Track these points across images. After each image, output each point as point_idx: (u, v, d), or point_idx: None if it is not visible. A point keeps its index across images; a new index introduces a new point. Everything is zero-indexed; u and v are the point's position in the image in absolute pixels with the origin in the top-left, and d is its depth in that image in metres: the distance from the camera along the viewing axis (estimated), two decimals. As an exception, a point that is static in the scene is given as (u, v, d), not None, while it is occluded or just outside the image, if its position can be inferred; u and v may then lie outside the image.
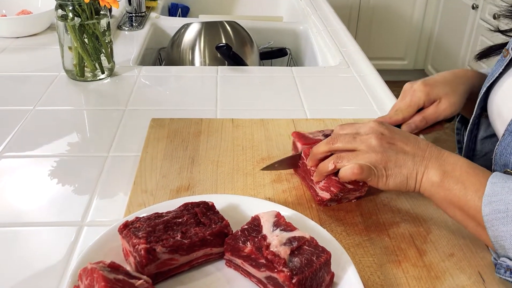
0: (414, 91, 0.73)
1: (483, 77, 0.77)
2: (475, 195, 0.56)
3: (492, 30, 0.77)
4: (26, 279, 0.58)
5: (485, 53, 0.78)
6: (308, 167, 0.68)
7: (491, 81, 0.71)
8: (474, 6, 2.80)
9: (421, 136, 0.83)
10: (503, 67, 0.69)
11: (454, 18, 3.12)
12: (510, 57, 0.68)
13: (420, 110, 0.73)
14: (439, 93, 0.72)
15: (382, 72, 1.20)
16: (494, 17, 2.52)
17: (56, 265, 0.60)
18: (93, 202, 0.71)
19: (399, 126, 0.73)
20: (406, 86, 0.75)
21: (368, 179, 0.61)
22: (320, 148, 0.66)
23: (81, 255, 0.55)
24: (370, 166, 0.60)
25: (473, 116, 0.76)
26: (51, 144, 0.85)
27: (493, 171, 0.60)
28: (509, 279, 0.54)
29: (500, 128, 0.68)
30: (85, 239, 0.64)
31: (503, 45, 0.74)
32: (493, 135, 0.77)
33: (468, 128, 0.78)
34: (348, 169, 0.61)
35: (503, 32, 0.75)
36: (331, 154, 0.65)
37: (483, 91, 0.72)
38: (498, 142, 0.66)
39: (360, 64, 1.21)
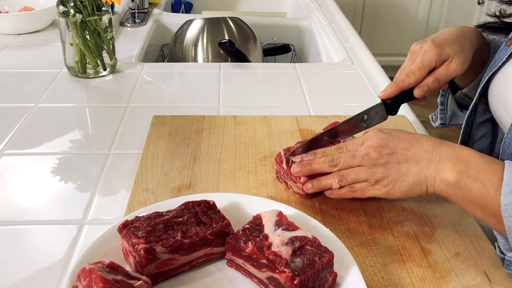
0: (425, 51, 0.70)
1: (483, 39, 0.76)
2: (495, 193, 0.55)
3: (490, 15, 0.76)
4: (28, 276, 0.58)
5: (485, 27, 0.78)
6: (295, 175, 0.67)
7: (494, 69, 0.70)
8: (480, 1, 2.78)
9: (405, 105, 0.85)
10: (506, 56, 0.68)
11: (460, 14, 3.09)
12: None
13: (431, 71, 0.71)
14: (449, 52, 0.69)
15: (386, 68, 1.19)
16: (500, 13, 2.50)
17: (57, 263, 0.59)
18: (94, 200, 0.70)
19: (411, 89, 0.70)
20: (415, 46, 0.72)
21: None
22: (320, 167, 0.65)
23: (80, 255, 0.54)
24: (369, 188, 0.63)
25: (473, 102, 0.75)
26: (53, 141, 0.85)
27: (500, 159, 0.61)
28: None
29: (504, 116, 0.68)
30: (86, 237, 0.64)
31: (503, 28, 0.74)
32: (487, 120, 0.78)
33: (467, 114, 0.78)
34: (350, 193, 0.65)
35: (501, 16, 0.75)
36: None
37: (485, 79, 0.72)
38: (507, 132, 0.66)
39: (365, 61, 1.20)
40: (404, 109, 0.94)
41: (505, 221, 0.54)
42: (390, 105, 0.72)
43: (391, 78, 1.09)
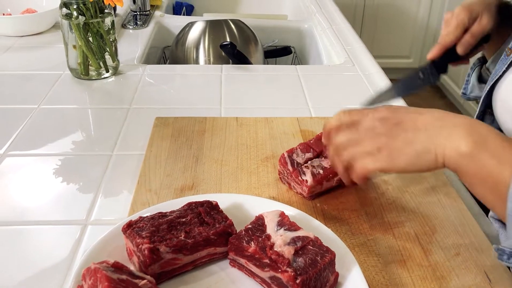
0: (457, 14, 0.77)
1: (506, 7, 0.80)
2: (510, 175, 0.49)
3: None
4: (31, 277, 0.58)
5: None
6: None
7: (495, 79, 0.71)
8: (480, 3, 2.79)
9: (403, 102, 0.89)
10: (506, 66, 0.69)
11: (460, 16, 3.10)
12: None
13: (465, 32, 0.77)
14: (478, 10, 0.76)
15: (387, 70, 1.19)
16: None
17: (61, 264, 0.60)
18: (97, 201, 0.71)
19: (453, 48, 0.77)
20: (447, 14, 0.79)
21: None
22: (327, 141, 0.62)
23: (84, 255, 0.55)
24: (371, 160, 0.56)
25: (476, 113, 0.76)
26: (56, 142, 0.85)
27: None
28: None
29: (509, 121, 0.68)
30: (89, 237, 0.64)
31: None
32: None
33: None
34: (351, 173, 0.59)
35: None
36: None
37: (487, 88, 0.73)
38: None
39: (365, 63, 1.21)
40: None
41: (509, 203, 0.48)
42: (439, 64, 0.78)
43: (392, 80, 1.10)
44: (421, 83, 0.78)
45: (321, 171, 0.69)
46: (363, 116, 0.59)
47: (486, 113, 0.77)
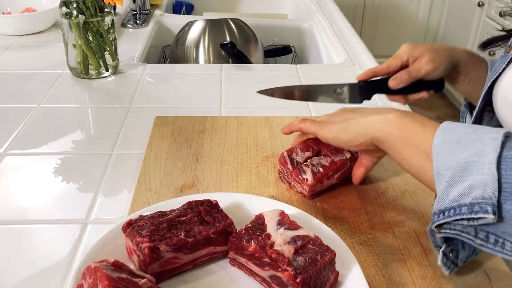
0: (400, 49, 0.78)
1: (473, 55, 0.80)
2: (433, 133, 0.52)
3: (499, 30, 0.78)
4: (31, 276, 0.58)
5: (489, 42, 0.80)
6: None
7: (495, 76, 0.71)
8: (480, 3, 2.79)
9: (407, 107, 0.92)
10: (506, 63, 0.69)
11: (460, 16, 3.10)
12: None
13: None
14: (420, 50, 0.76)
15: (387, 69, 1.19)
16: (501, 15, 2.51)
17: (61, 263, 0.60)
18: (97, 200, 0.71)
19: (386, 79, 0.77)
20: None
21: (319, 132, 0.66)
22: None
23: (84, 254, 0.54)
24: (321, 128, 0.66)
25: (476, 110, 0.77)
26: (56, 141, 0.85)
27: None
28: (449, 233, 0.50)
29: (509, 115, 0.68)
30: (89, 236, 0.64)
31: (507, 36, 0.74)
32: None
33: (471, 121, 0.79)
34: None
35: (508, 31, 0.76)
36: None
37: (487, 86, 0.73)
38: None
39: (365, 62, 1.21)
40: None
41: (434, 162, 0.50)
42: (363, 88, 0.79)
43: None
44: (335, 97, 0.80)
45: (321, 169, 0.69)
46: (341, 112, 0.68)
47: (485, 110, 0.77)
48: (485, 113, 0.78)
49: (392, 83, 0.76)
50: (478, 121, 0.79)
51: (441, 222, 0.49)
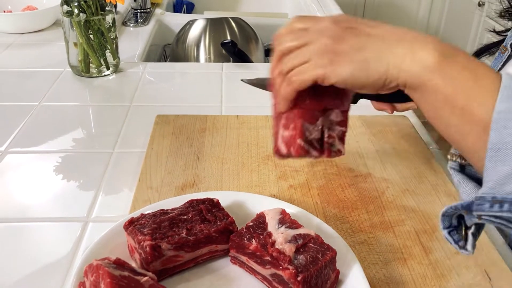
0: None
1: None
2: (487, 95, 0.39)
3: (490, 31, 0.77)
4: (32, 274, 0.58)
5: (483, 50, 0.77)
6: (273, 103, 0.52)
7: None
8: (480, 3, 2.79)
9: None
10: (501, 63, 0.70)
11: (460, 16, 3.10)
12: (508, 54, 0.68)
13: None
14: None
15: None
16: (500, 15, 2.51)
17: (62, 261, 0.60)
18: (98, 198, 0.71)
19: None
20: None
21: (315, 77, 0.45)
22: (273, 64, 0.50)
23: (86, 251, 0.55)
24: (311, 67, 0.45)
25: None
26: (57, 140, 0.85)
27: None
28: (499, 214, 0.38)
29: None
30: (90, 235, 0.64)
31: (501, 42, 0.74)
32: None
33: None
34: (287, 87, 0.47)
35: (498, 33, 0.75)
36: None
37: None
38: None
39: (366, 61, 1.20)
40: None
41: (492, 133, 0.38)
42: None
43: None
44: None
45: (342, 128, 0.54)
46: (317, 21, 0.47)
47: None
48: None
49: None
50: None
51: (496, 215, 0.39)
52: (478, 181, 0.45)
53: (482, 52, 0.79)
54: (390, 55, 0.43)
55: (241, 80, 0.75)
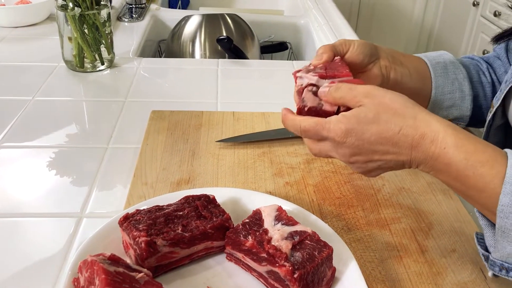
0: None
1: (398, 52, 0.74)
2: (496, 188, 0.47)
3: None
4: (25, 269, 0.57)
5: (503, 35, 0.77)
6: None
7: (508, 88, 0.69)
8: (475, 3, 2.80)
9: None
10: None
11: (455, 15, 3.11)
12: None
13: None
14: (353, 40, 0.68)
15: (383, 67, 1.19)
16: (495, 15, 2.52)
17: (55, 256, 0.59)
18: (92, 194, 0.70)
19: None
20: None
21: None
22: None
23: (80, 247, 0.54)
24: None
25: (495, 107, 0.73)
26: (50, 135, 0.84)
27: None
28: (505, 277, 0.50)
29: None
30: (84, 230, 0.64)
31: None
32: (502, 125, 0.75)
33: (488, 118, 0.74)
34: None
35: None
36: None
37: (503, 94, 0.71)
38: None
39: (362, 59, 1.20)
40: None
41: (498, 219, 0.47)
42: None
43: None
44: None
45: (341, 69, 0.60)
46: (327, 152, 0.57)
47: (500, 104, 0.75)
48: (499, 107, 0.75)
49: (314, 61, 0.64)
50: (493, 117, 0.74)
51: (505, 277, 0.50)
52: None
53: (501, 37, 0.77)
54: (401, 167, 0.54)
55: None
